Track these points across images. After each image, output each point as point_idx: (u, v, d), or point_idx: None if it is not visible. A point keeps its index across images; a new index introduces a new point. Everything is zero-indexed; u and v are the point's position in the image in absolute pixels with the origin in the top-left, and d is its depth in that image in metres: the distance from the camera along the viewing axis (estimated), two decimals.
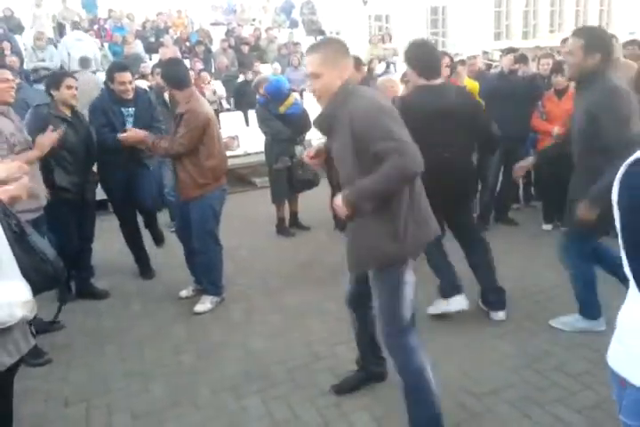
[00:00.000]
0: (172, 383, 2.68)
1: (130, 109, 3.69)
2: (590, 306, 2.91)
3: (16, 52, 9.34)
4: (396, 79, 4.82)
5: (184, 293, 3.67)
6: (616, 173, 1.13)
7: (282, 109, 4.60)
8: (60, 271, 1.72)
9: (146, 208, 3.98)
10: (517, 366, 2.66)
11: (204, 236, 3.37)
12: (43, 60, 8.87)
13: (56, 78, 3.42)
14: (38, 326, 2.83)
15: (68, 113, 3.39)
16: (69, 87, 3.32)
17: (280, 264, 4.21)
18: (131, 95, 3.66)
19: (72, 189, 3.40)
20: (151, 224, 4.16)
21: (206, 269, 3.50)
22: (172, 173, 3.51)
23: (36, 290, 1.70)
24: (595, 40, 2.49)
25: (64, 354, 3.01)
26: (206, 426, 2.35)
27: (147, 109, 3.78)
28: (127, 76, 3.63)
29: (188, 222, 3.38)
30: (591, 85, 2.52)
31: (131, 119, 3.68)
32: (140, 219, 4.10)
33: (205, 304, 3.45)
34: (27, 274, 1.64)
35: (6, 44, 8.90)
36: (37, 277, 1.65)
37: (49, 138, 3.07)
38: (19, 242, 1.62)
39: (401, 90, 4.19)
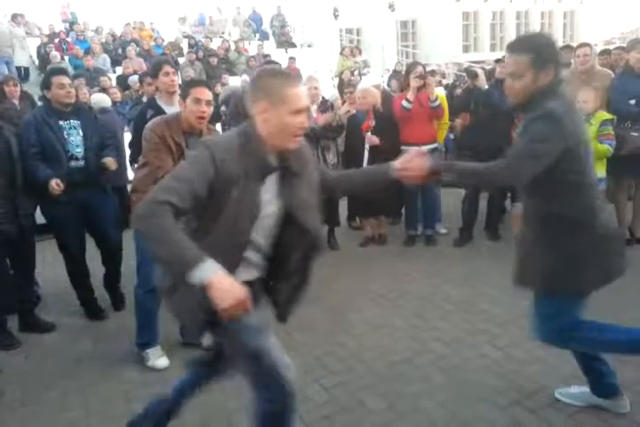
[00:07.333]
0: None
1: (72, 122, 3.23)
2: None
3: None
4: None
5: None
6: None
7: None
8: None
9: (109, 241, 3.51)
10: (507, 403, 2.41)
11: None
12: None
13: None
14: None
15: None
16: None
17: None
18: (72, 99, 3.23)
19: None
20: (112, 280, 3.65)
21: None
22: None
23: None
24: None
25: None
26: None
27: (93, 122, 3.34)
28: (65, 78, 3.20)
29: None
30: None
31: (75, 132, 3.22)
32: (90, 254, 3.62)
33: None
34: None
35: None
36: None
37: None
38: None
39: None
